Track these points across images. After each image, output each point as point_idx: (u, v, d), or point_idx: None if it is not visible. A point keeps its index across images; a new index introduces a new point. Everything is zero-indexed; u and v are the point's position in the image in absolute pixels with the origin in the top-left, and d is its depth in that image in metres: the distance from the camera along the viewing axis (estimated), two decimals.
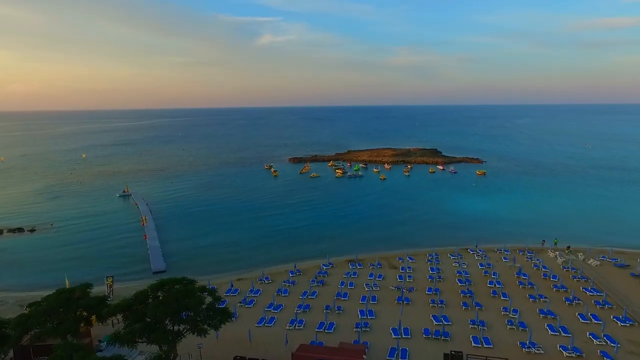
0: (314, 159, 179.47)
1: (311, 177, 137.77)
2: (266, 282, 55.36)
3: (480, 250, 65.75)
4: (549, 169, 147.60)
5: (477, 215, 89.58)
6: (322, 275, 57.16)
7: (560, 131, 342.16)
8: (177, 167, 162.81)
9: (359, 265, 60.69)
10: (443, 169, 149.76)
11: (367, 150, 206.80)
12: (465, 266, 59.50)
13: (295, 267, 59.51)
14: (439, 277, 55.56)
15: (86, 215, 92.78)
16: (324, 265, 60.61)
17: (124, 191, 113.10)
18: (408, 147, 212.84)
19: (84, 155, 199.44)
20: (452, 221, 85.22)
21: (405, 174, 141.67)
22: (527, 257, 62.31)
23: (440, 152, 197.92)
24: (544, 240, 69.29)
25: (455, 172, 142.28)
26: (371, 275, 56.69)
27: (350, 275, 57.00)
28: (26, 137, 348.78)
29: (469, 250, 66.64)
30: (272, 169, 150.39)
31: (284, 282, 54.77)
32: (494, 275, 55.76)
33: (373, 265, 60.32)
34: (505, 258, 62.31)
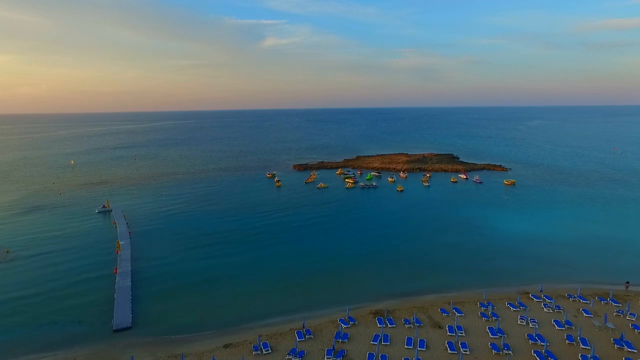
0: (321, 166, 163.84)
1: (318, 187, 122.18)
2: (264, 352, 39.74)
3: (547, 297, 49.72)
4: (583, 178, 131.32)
5: (520, 240, 73.34)
6: (340, 340, 41.52)
7: (578, 134, 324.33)
8: (170, 176, 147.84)
9: (390, 321, 44.80)
10: (466, 178, 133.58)
11: (378, 155, 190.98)
12: (536, 326, 43.46)
13: (303, 326, 43.77)
14: (506, 347, 39.62)
15: (52, 239, 77.52)
16: (342, 322, 44.83)
17: (103, 206, 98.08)
18: (422, 153, 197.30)
19: (72, 162, 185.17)
20: (494, 250, 69.03)
21: (425, 184, 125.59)
22: (616, 311, 46.17)
23: (458, 158, 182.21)
24: (628, 282, 53.22)
25: (480, 182, 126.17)
26: (409, 340, 40.97)
27: (380, 340, 41.25)
28: (22, 141, 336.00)
29: (531, 295, 50.67)
30: (275, 178, 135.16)
31: (289, 354, 39.09)
32: (582, 343, 39.78)
33: (409, 322, 44.48)
34: (585, 311, 46.25)
